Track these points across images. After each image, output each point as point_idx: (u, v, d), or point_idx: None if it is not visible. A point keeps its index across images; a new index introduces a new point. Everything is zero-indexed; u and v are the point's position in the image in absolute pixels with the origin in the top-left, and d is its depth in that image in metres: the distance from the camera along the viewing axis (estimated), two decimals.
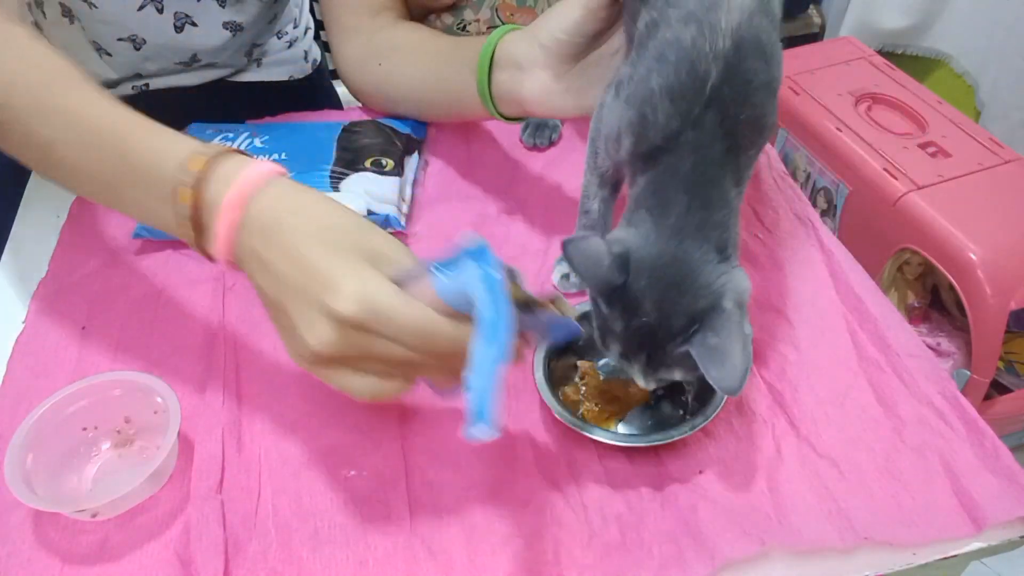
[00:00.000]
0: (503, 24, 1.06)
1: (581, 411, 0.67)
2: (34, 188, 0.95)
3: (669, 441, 0.62)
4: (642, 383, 0.61)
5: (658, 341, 0.58)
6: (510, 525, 0.60)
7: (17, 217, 0.91)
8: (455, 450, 0.65)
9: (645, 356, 0.59)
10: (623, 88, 0.63)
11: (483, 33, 1.06)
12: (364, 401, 0.63)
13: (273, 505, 0.62)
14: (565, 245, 0.57)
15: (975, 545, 0.58)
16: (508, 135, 0.98)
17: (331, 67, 1.12)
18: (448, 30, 1.07)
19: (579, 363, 0.70)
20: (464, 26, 1.06)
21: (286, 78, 1.18)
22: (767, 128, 0.61)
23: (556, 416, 0.64)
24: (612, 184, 0.72)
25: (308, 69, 1.21)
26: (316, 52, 1.25)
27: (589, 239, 0.58)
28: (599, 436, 0.63)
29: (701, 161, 0.57)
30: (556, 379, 0.67)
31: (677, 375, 0.60)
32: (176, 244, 0.85)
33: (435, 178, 0.93)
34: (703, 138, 0.57)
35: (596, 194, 0.72)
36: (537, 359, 0.67)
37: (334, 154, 0.89)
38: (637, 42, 0.62)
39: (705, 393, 0.65)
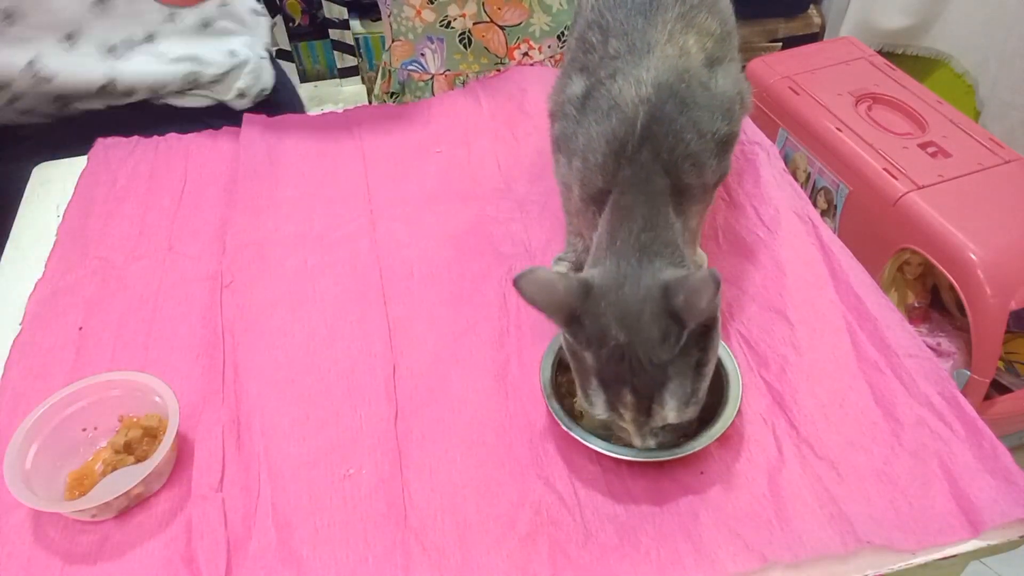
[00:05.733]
0: (490, 19, 1.05)
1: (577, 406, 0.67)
2: (34, 188, 0.95)
3: (680, 456, 0.61)
4: (637, 437, 0.60)
5: (636, 363, 0.56)
6: (505, 525, 0.60)
7: (16, 217, 0.91)
8: (451, 449, 0.65)
9: (629, 391, 0.57)
10: (567, 142, 0.71)
11: (468, 29, 1.05)
12: None
13: (273, 503, 0.62)
14: (516, 281, 0.58)
15: (974, 545, 0.58)
16: (508, 136, 0.99)
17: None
18: (430, 28, 1.06)
19: None
20: (448, 23, 1.05)
21: (210, 104, 1.13)
22: (706, 168, 0.67)
23: (564, 428, 0.63)
24: None
25: (241, 102, 1.14)
26: (262, 83, 1.16)
27: (537, 270, 0.59)
28: (608, 451, 0.62)
29: (643, 193, 0.63)
30: (561, 394, 0.66)
31: (670, 409, 0.58)
32: (172, 244, 0.85)
33: (435, 178, 0.93)
34: (641, 173, 0.63)
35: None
36: (545, 365, 0.67)
37: None
38: (580, 105, 0.70)
39: (714, 403, 0.64)
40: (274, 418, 0.68)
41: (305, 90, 2.02)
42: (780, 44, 2.09)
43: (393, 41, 1.09)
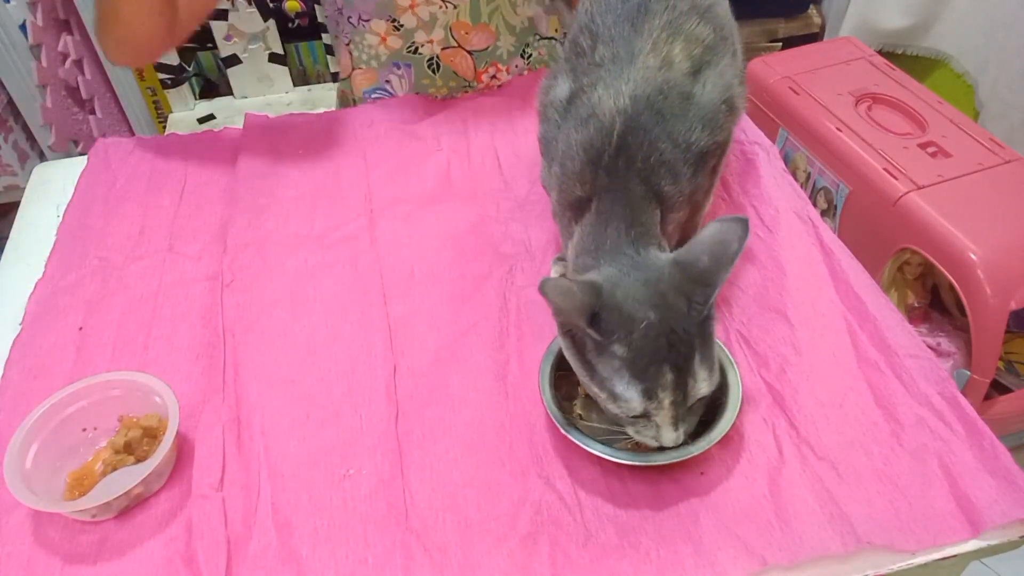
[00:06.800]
0: (458, 44, 1.03)
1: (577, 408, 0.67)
2: (34, 188, 0.95)
3: (681, 460, 0.61)
4: (671, 429, 0.58)
5: (673, 337, 0.57)
6: (505, 525, 0.60)
7: (16, 217, 0.91)
8: (451, 449, 0.65)
9: (669, 369, 0.57)
10: (548, 146, 0.73)
11: (436, 55, 1.04)
12: None
13: (273, 503, 0.62)
14: (543, 289, 0.58)
15: (974, 545, 0.58)
16: (509, 136, 0.99)
17: None
18: (396, 55, 1.03)
19: None
20: (416, 49, 1.03)
21: None
22: (682, 178, 0.67)
23: (563, 431, 0.63)
24: None
25: None
26: None
27: (554, 279, 0.60)
28: (609, 455, 0.61)
29: (623, 198, 0.65)
30: (561, 395, 0.66)
31: (702, 379, 0.58)
32: (172, 244, 0.85)
33: (435, 178, 0.93)
34: (617, 182, 0.65)
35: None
36: (544, 369, 0.67)
37: None
38: (562, 110, 0.71)
39: (714, 406, 0.64)
40: (274, 418, 0.68)
41: (299, 93, 2.02)
42: (780, 44, 2.09)
43: (354, 69, 1.06)
